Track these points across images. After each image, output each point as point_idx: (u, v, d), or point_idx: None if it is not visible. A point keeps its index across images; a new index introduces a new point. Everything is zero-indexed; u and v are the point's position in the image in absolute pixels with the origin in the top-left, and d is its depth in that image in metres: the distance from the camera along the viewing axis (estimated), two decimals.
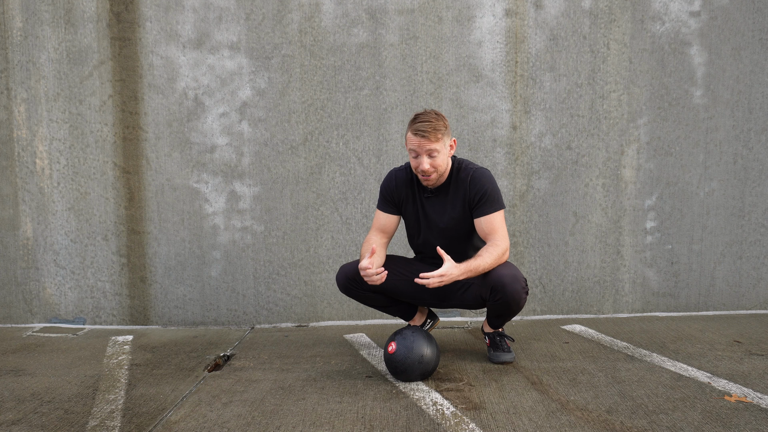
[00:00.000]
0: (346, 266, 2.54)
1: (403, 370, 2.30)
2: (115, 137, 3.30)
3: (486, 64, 3.26)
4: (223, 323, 3.36)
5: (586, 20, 3.25)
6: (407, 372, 2.29)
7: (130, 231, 3.33)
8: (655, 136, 3.30)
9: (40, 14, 3.25)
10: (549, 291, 3.36)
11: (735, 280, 3.38)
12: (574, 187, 3.32)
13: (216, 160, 3.30)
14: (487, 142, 3.28)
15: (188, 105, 3.28)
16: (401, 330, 2.37)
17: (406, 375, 2.30)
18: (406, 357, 2.28)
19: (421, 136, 2.32)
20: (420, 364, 2.28)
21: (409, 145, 2.37)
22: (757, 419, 1.91)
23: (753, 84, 3.29)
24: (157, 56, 3.26)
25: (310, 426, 1.94)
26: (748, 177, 3.33)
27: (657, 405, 2.04)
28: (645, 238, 3.34)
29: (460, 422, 1.94)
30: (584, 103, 3.28)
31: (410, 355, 2.27)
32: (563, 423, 1.92)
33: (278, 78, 3.27)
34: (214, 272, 3.34)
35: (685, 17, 3.25)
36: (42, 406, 2.16)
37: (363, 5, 3.23)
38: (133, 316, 3.38)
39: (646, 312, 3.38)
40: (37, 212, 3.34)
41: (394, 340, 2.33)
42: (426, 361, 2.29)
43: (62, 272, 3.36)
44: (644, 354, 2.61)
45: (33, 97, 3.29)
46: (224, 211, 3.32)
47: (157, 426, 1.97)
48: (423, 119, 2.34)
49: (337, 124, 3.28)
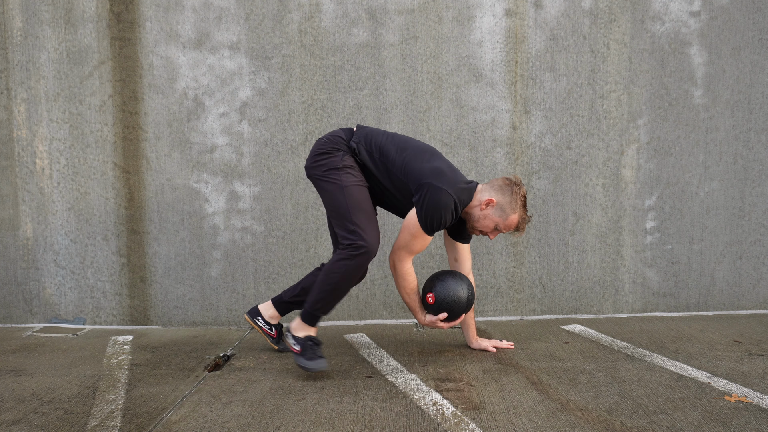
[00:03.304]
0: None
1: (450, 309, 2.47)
2: (115, 137, 3.30)
3: (486, 64, 3.26)
4: (223, 323, 3.36)
5: (586, 20, 3.25)
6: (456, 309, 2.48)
7: (130, 231, 3.33)
8: (655, 136, 3.30)
9: (40, 14, 3.25)
10: (549, 291, 3.36)
11: (735, 280, 3.38)
12: (574, 187, 3.32)
13: (216, 160, 3.30)
14: (487, 142, 3.28)
15: (188, 105, 3.28)
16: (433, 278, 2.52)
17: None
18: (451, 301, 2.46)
19: (516, 234, 2.53)
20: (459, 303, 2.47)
21: (505, 229, 2.45)
22: (757, 419, 1.91)
23: (753, 84, 3.29)
24: (157, 56, 3.26)
25: (310, 426, 1.94)
26: (748, 177, 3.33)
27: (657, 405, 2.04)
28: (645, 238, 3.34)
29: (460, 422, 1.94)
30: (584, 103, 3.28)
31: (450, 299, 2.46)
32: (563, 423, 1.92)
33: (278, 78, 3.27)
34: (214, 272, 3.34)
35: (685, 17, 3.25)
36: (42, 406, 2.16)
37: (363, 5, 3.23)
38: (133, 316, 3.38)
39: (646, 312, 3.38)
40: (37, 212, 3.34)
41: (431, 291, 2.48)
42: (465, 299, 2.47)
43: (62, 272, 3.36)
44: (644, 354, 2.61)
45: (33, 97, 3.29)
46: (224, 211, 3.32)
47: (157, 426, 1.97)
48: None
49: (337, 124, 3.28)
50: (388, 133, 2.50)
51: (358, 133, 2.50)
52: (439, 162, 2.39)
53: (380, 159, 2.43)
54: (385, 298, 3.34)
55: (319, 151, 2.46)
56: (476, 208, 2.41)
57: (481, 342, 2.73)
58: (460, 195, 2.33)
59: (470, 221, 2.46)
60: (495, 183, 2.45)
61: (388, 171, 2.42)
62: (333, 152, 2.44)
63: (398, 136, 2.50)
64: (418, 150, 2.43)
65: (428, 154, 2.43)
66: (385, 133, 2.50)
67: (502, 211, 2.40)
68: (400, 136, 2.50)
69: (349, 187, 2.39)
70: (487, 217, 2.40)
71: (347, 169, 2.42)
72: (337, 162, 2.41)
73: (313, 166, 2.47)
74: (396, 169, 2.40)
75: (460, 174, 2.42)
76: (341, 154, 2.43)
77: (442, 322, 2.49)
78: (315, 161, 2.46)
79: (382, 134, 2.49)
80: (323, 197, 2.46)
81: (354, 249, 2.33)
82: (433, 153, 2.45)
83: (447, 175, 2.34)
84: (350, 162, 2.44)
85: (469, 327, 2.74)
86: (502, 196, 2.40)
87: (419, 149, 2.44)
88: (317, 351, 2.40)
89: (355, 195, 2.39)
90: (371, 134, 2.48)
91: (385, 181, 2.44)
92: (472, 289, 2.51)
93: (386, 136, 2.48)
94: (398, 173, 2.40)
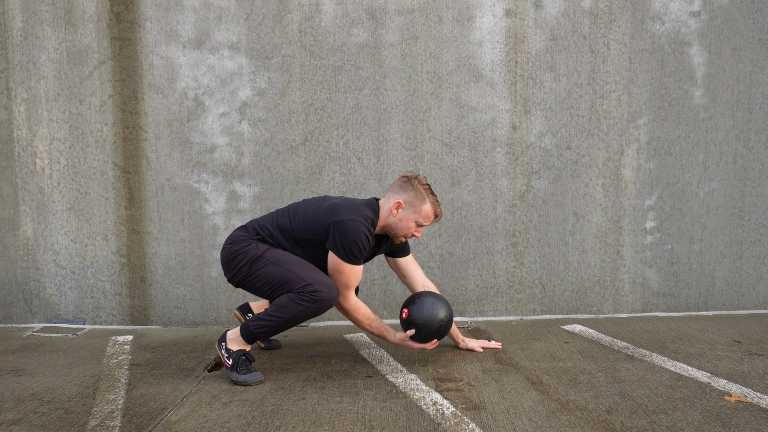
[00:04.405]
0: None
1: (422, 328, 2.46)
2: (115, 137, 3.30)
3: (486, 64, 3.26)
4: (223, 323, 3.36)
5: (586, 20, 3.25)
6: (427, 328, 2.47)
7: (130, 231, 3.33)
8: (655, 136, 3.30)
9: (40, 14, 3.25)
10: (549, 291, 3.36)
11: (735, 280, 3.38)
12: (574, 187, 3.32)
13: (216, 160, 3.30)
14: (487, 142, 3.28)
15: (188, 105, 3.28)
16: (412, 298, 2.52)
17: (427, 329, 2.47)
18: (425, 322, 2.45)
19: (437, 220, 2.51)
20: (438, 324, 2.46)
21: (425, 221, 2.44)
22: (757, 419, 1.91)
23: (753, 84, 3.29)
24: (157, 56, 3.26)
25: (310, 426, 1.94)
26: (748, 177, 3.33)
27: (657, 405, 2.04)
28: (645, 238, 3.34)
29: (460, 422, 1.94)
30: (584, 103, 3.28)
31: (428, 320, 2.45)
32: (563, 423, 1.92)
33: (278, 78, 3.27)
34: (214, 272, 3.34)
35: (685, 17, 3.25)
36: (42, 406, 2.16)
37: (363, 5, 3.23)
38: (133, 316, 3.38)
39: (646, 312, 3.38)
40: (37, 212, 3.34)
41: (407, 307, 2.49)
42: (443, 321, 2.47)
43: (62, 272, 3.36)
44: (644, 354, 2.61)
45: (33, 97, 3.29)
46: (224, 211, 3.32)
47: (157, 426, 1.97)
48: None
49: (337, 124, 3.28)
50: (273, 213, 2.55)
51: (251, 229, 2.51)
52: (330, 201, 2.44)
53: (286, 236, 2.46)
54: (385, 298, 3.34)
55: (231, 257, 2.45)
56: (390, 217, 2.44)
57: (468, 342, 2.75)
58: (365, 216, 2.36)
59: (391, 231, 2.47)
60: (394, 186, 2.48)
61: (298, 240, 2.45)
62: (245, 249, 2.44)
63: (282, 209, 2.56)
64: (305, 206, 2.48)
65: (317, 202, 2.48)
66: (270, 215, 2.55)
67: (413, 207, 2.42)
68: (284, 208, 2.55)
69: (281, 257, 2.40)
70: (402, 219, 2.43)
71: (268, 249, 2.43)
72: (254, 252, 2.42)
73: (236, 273, 2.45)
74: (301, 233, 2.43)
75: (357, 200, 2.47)
76: (254, 244, 2.45)
77: (414, 342, 2.50)
78: (234, 267, 2.44)
79: (269, 217, 2.53)
80: (261, 285, 2.41)
81: (314, 295, 2.30)
82: (322, 198, 2.51)
83: (343, 206, 2.38)
84: (266, 246, 2.45)
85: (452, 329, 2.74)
86: (406, 193, 2.43)
87: (306, 205, 2.49)
88: (250, 367, 2.38)
89: (291, 259, 2.41)
90: (263, 222, 2.52)
91: (303, 248, 2.45)
92: (449, 318, 2.48)
93: (275, 215, 2.53)
94: (305, 235, 2.42)
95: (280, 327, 2.35)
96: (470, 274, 3.34)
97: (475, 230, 3.32)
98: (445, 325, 2.46)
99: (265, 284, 2.39)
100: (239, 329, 2.40)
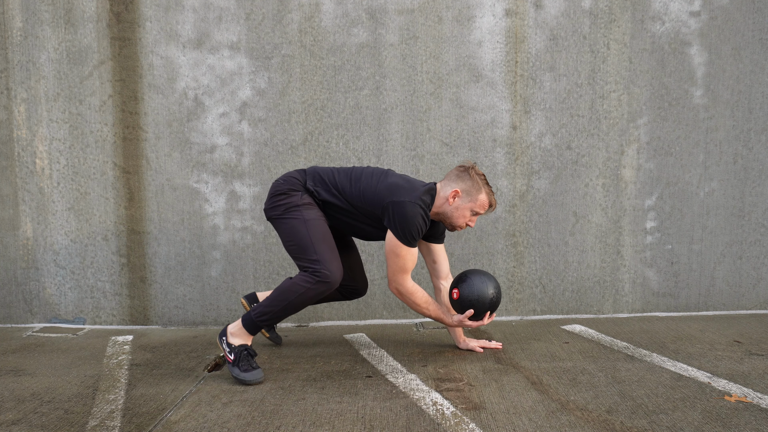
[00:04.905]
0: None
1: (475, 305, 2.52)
2: (115, 137, 3.30)
3: (486, 64, 3.26)
4: (223, 323, 3.36)
5: (586, 20, 3.25)
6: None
7: (130, 231, 3.33)
8: (655, 136, 3.30)
9: (40, 14, 3.25)
10: (549, 291, 3.36)
11: (735, 280, 3.38)
12: (574, 187, 3.32)
13: (216, 160, 3.30)
14: (487, 142, 3.28)
15: (188, 105, 3.28)
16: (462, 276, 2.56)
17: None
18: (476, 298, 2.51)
19: (492, 210, 2.53)
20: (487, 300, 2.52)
21: (481, 209, 2.48)
22: (757, 419, 1.91)
23: (753, 84, 3.29)
24: (157, 56, 3.26)
25: (310, 426, 1.94)
26: (748, 177, 3.33)
27: (657, 405, 2.04)
28: (645, 238, 3.34)
29: (460, 422, 1.94)
30: (584, 103, 3.28)
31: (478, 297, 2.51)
32: (563, 423, 1.92)
33: (278, 78, 3.27)
34: (214, 272, 3.34)
35: (685, 17, 3.25)
36: (42, 406, 2.16)
37: (363, 5, 3.23)
38: (133, 316, 3.38)
39: (646, 312, 3.38)
40: (37, 212, 3.34)
41: (457, 287, 2.53)
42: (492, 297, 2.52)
43: (62, 272, 3.36)
44: (644, 354, 2.61)
45: (33, 97, 3.29)
46: (224, 211, 3.32)
47: (157, 426, 1.97)
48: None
49: (337, 124, 3.28)
50: (336, 169, 2.56)
51: (310, 175, 2.53)
52: (392, 178, 2.45)
53: (340, 195, 2.48)
54: (385, 298, 3.34)
55: (277, 192, 2.49)
56: (445, 205, 2.46)
57: (468, 342, 2.75)
58: (422, 199, 2.38)
59: (446, 220, 2.50)
60: (451, 175, 2.50)
61: (351, 204, 2.47)
62: (291, 192, 2.47)
63: (346, 169, 2.57)
64: (369, 176, 2.49)
65: (379, 175, 2.48)
66: (332, 170, 2.56)
67: (470, 196, 2.44)
68: (348, 169, 2.56)
69: (312, 221, 2.43)
70: (459, 208, 2.45)
71: (308, 206, 2.46)
72: (296, 201, 2.45)
73: (272, 207, 2.49)
74: (356, 200, 2.46)
75: (417, 181, 2.49)
76: (300, 193, 2.47)
77: (470, 320, 2.54)
78: (274, 202, 2.49)
79: (331, 172, 2.55)
80: (284, 233, 2.46)
81: (317, 275, 2.34)
82: (385, 172, 2.51)
83: (404, 187, 2.39)
84: (309, 200, 2.48)
85: (455, 328, 2.75)
86: (463, 183, 2.45)
87: (370, 174, 2.50)
88: (252, 362, 2.37)
89: (318, 228, 2.43)
90: (323, 174, 2.53)
91: (352, 212, 2.49)
92: (499, 291, 2.55)
93: (336, 173, 2.54)
94: (359, 203, 2.45)
95: (283, 313, 2.37)
96: None
97: (475, 230, 3.32)
98: (497, 298, 2.53)
99: (286, 235, 2.44)
100: (241, 320, 2.40)
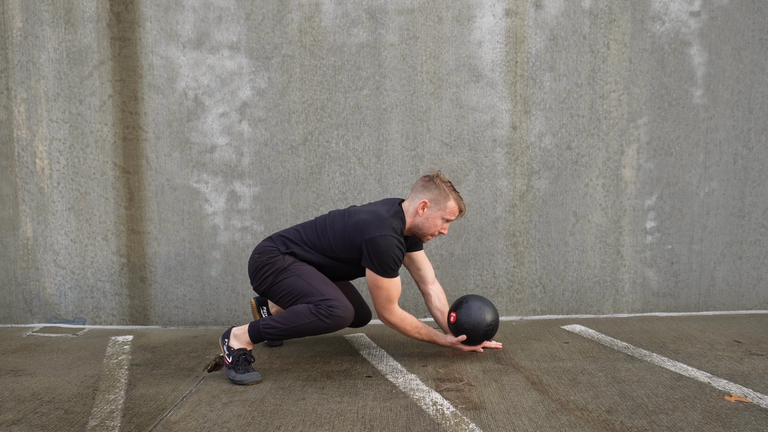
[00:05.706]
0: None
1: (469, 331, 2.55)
2: (115, 137, 3.30)
3: (486, 64, 3.26)
4: (223, 323, 3.36)
5: (586, 20, 3.25)
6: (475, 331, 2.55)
7: (130, 231, 3.33)
8: (655, 136, 3.30)
9: (40, 14, 3.25)
10: (549, 291, 3.36)
11: (735, 280, 3.38)
12: (574, 187, 3.32)
13: (216, 160, 3.30)
14: (487, 142, 3.28)
15: (188, 105, 3.28)
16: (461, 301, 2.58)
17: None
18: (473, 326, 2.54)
19: (462, 215, 2.54)
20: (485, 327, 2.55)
21: (451, 216, 2.48)
22: (757, 419, 1.91)
23: (753, 84, 3.29)
24: (157, 56, 3.26)
25: (310, 426, 1.94)
26: (748, 177, 3.33)
27: (657, 405, 2.04)
28: (645, 238, 3.34)
29: (460, 422, 1.94)
30: (584, 103, 3.28)
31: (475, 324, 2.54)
32: (563, 423, 1.92)
33: (278, 78, 3.27)
34: (214, 272, 3.34)
35: (685, 17, 3.25)
36: (42, 406, 2.16)
37: (363, 5, 3.23)
38: (133, 316, 3.38)
39: (646, 312, 3.38)
40: (37, 212, 3.34)
41: (455, 311, 2.55)
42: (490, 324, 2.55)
43: (62, 272, 3.36)
44: (644, 354, 2.61)
45: (33, 97, 3.29)
46: (224, 211, 3.32)
47: (157, 426, 1.97)
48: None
49: (337, 124, 3.28)
50: (299, 227, 2.60)
51: (278, 242, 2.55)
52: (356, 216, 2.46)
53: (314, 250, 2.51)
54: None
55: (259, 266, 2.51)
56: (416, 217, 2.47)
57: None
58: (392, 227, 2.39)
59: (418, 231, 2.51)
60: (417, 186, 2.51)
61: (327, 255, 2.50)
62: (272, 261, 2.49)
63: (308, 223, 2.60)
64: (332, 223, 2.51)
65: (342, 218, 2.50)
66: (296, 228, 2.60)
67: (438, 204, 2.46)
68: (311, 222, 2.60)
69: (306, 273, 2.45)
70: (429, 218, 2.46)
71: (294, 264, 2.48)
72: (281, 264, 2.48)
73: (261, 282, 2.51)
74: (330, 252, 2.49)
75: (381, 206, 2.49)
76: (281, 257, 2.50)
77: (464, 345, 2.58)
78: (261, 277, 2.50)
79: (296, 231, 2.58)
80: (283, 295, 2.46)
81: (331, 310, 2.34)
82: (346, 212, 2.53)
83: (371, 222, 2.39)
84: (293, 259, 2.50)
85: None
86: (430, 192, 2.47)
87: (332, 221, 2.52)
88: (248, 366, 2.39)
89: (314, 275, 2.46)
90: (290, 235, 2.56)
91: (330, 264, 2.52)
92: (496, 320, 2.57)
93: (302, 230, 2.57)
94: (334, 253, 2.48)
95: (289, 333, 2.38)
96: (470, 274, 3.34)
97: (475, 230, 3.32)
98: (492, 328, 2.55)
99: (287, 294, 2.44)
100: (247, 327, 2.41)
